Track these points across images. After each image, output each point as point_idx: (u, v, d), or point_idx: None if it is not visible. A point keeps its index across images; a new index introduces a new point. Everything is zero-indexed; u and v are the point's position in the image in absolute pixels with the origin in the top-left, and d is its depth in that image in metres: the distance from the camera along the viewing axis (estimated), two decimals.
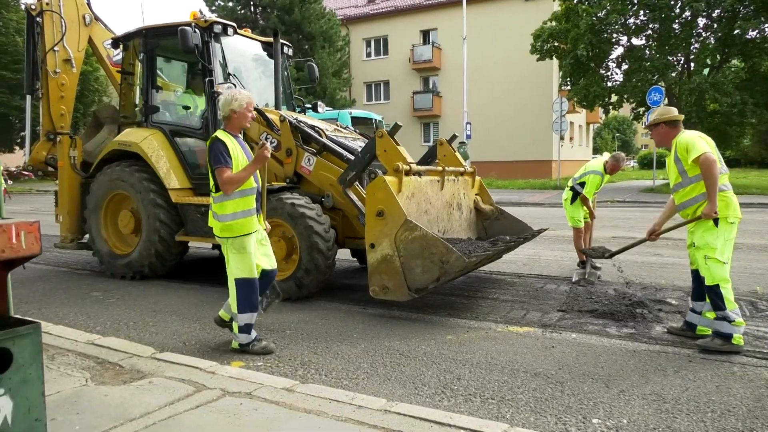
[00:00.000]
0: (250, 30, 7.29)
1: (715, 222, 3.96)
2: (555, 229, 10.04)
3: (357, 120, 14.95)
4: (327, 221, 5.54)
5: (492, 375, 3.61)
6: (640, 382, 3.47)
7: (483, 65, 30.58)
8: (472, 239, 6.16)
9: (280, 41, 6.69)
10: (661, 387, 3.38)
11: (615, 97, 24.39)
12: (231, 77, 6.36)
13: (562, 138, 25.23)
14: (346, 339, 4.41)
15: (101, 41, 7.87)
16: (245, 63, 7.02)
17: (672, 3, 20.79)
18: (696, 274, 4.16)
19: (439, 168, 5.83)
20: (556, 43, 23.66)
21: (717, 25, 21.17)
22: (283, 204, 5.46)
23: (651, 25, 22.19)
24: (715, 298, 3.96)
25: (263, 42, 7.15)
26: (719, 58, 21.50)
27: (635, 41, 23.22)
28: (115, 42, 7.47)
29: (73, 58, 7.47)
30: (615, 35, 23.07)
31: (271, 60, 6.85)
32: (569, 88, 24.72)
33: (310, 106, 8.15)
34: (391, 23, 35.11)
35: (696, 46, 21.78)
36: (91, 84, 33.64)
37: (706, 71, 21.74)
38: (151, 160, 6.46)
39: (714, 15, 21.21)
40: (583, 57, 21.45)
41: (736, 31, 20.05)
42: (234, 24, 6.60)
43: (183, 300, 5.79)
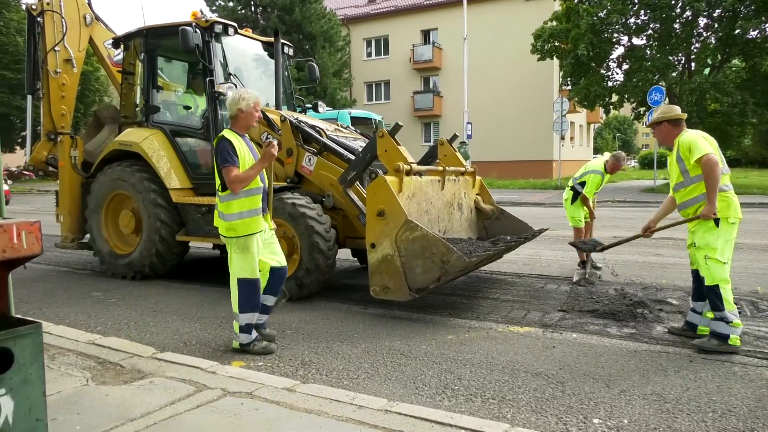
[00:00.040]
0: (250, 30, 7.27)
1: (716, 222, 3.96)
2: (555, 229, 10.02)
3: (356, 120, 14.88)
4: (328, 221, 5.54)
5: (493, 375, 3.60)
6: (640, 382, 3.46)
7: (483, 65, 30.57)
8: (472, 239, 6.15)
9: (280, 41, 6.69)
10: (662, 387, 3.38)
11: (615, 97, 24.35)
12: (232, 77, 6.36)
13: (562, 138, 25.21)
14: (346, 339, 4.41)
15: (102, 41, 7.87)
16: (246, 63, 7.03)
17: (673, 3, 20.76)
18: (696, 274, 4.15)
19: (440, 168, 5.83)
20: (556, 43, 23.63)
21: (718, 25, 21.14)
22: (284, 204, 5.46)
23: (652, 25, 22.16)
24: (714, 298, 3.96)
25: (264, 42, 7.15)
26: (720, 57, 21.48)
27: (636, 41, 23.21)
28: (116, 42, 7.47)
29: (74, 58, 7.48)
30: (616, 35, 23.03)
31: (272, 60, 6.84)
32: (570, 87, 24.68)
33: (310, 106, 8.15)
34: (392, 23, 35.11)
35: (697, 45, 21.76)
36: (92, 84, 33.70)
37: (706, 71, 21.71)
38: (152, 160, 6.47)
39: (715, 15, 21.18)
40: (584, 57, 21.43)
41: (736, 31, 20.02)
42: (234, 24, 6.59)
43: (184, 300, 5.79)
